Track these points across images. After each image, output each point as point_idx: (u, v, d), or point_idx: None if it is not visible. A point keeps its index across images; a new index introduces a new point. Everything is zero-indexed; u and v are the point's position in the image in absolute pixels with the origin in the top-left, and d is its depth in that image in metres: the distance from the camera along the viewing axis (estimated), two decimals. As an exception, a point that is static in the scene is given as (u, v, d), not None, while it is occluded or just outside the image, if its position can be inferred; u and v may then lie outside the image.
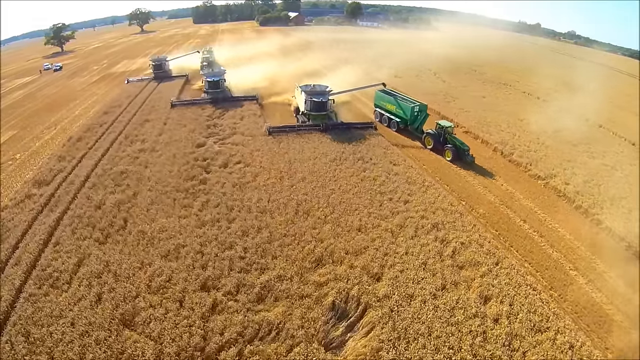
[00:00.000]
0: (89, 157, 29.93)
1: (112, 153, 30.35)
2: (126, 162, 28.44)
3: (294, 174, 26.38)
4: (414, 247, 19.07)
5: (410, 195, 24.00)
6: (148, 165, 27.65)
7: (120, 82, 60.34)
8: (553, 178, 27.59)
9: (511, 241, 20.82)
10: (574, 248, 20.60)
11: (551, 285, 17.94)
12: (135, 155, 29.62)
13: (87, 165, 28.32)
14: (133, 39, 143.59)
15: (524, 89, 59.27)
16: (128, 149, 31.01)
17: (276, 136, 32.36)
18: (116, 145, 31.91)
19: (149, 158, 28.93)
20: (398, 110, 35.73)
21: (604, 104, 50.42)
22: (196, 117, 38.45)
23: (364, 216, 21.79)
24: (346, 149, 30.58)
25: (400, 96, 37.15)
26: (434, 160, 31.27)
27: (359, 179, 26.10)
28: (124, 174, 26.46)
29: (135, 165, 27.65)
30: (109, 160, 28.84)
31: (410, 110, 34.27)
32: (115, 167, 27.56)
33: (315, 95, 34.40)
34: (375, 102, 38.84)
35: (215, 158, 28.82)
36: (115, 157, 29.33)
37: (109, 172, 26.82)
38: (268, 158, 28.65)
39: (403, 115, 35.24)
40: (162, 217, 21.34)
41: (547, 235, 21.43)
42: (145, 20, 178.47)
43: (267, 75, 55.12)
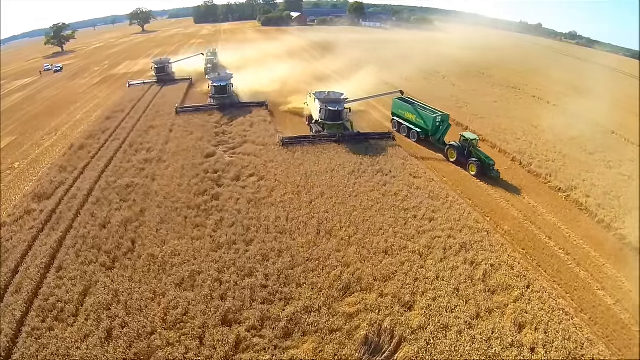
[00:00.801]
0: (92, 168, 28.25)
1: (116, 163, 28.66)
2: (132, 174, 26.76)
3: (311, 189, 24.80)
4: (444, 271, 17.97)
5: (434, 212, 22.69)
6: (155, 178, 25.99)
7: (122, 85, 58.63)
8: (574, 190, 26.97)
9: (539, 260, 20.07)
10: (599, 266, 20.11)
11: (581, 307, 17.40)
12: (140, 166, 27.95)
13: (89, 177, 26.65)
14: (134, 39, 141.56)
15: (532, 92, 58.80)
16: (133, 158, 29.33)
17: (290, 147, 30.90)
18: (120, 155, 30.23)
19: (155, 169, 27.25)
20: (418, 120, 34.04)
21: (613, 109, 50.22)
22: (203, 123, 36.78)
23: (390, 236, 20.46)
24: (364, 161, 29.03)
25: (420, 105, 35.45)
26: (453, 171, 29.97)
27: (380, 194, 24.65)
28: (129, 187, 24.79)
29: (141, 178, 25.98)
30: (113, 172, 27.17)
31: (432, 121, 32.60)
32: (120, 179, 25.90)
33: (330, 103, 32.61)
34: (393, 111, 37.00)
35: (226, 170, 27.17)
36: (120, 168, 27.66)
37: (113, 185, 25.16)
38: (283, 170, 27.02)
39: (424, 126, 33.57)
40: (174, 238, 19.71)
41: (573, 253, 20.82)
42: (146, 20, 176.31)
43: (275, 79, 53.28)
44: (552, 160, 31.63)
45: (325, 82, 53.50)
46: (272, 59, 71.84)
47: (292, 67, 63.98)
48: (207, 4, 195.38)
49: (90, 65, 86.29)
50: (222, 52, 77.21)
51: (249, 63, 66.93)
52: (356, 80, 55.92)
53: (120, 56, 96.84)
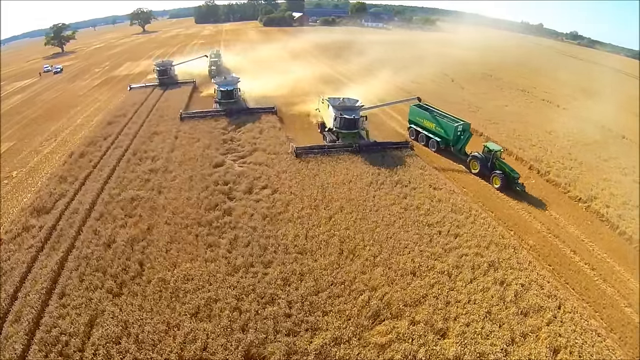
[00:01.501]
0: (94, 179, 26.70)
1: (119, 174, 27.11)
2: (136, 185, 25.22)
3: (330, 203, 23.34)
4: (475, 293, 17.06)
5: (459, 228, 21.58)
6: (162, 191, 24.46)
7: (123, 87, 56.98)
8: (594, 200, 26.35)
9: (566, 277, 19.50)
10: (625, 281, 19.59)
11: (611, 326, 16.89)
12: (145, 177, 26.40)
13: (91, 189, 25.12)
14: (135, 40, 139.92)
15: (541, 95, 58.44)
16: (137, 168, 27.80)
17: (303, 156, 29.21)
18: (123, 164, 28.69)
19: (162, 181, 25.71)
20: (438, 129, 32.40)
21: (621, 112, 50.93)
22: (210, 130, 35.25)
23: (416, 255, 19.26)
24: (381, 171, 27.60)
25: (438, 112, 33.76)
26: (472, 181, 28.84)
27: (401, 208, 23.34)
28: (134, 201, 23.26)
29: (147, 191, 24.44)
30: (117, 183, 25.62)
31: (453, 130, 30.94)
32: (124, 192, 24.36)
33: (346, 111, 30.79)
34: (410, 118, 35.34)
35: (237, 181, 25.66)
36: (124, 179, 26.10)
37: (117, 198, 23.63)
38: (297, 182, 25.53)
39: (444, 135, 31.99)
40: (185, 259, 18.20)
41: (598, 268, 20.28)
42: (147, 20, 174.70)
43: (282, 83, 51.68)
44: (569, 168, 31.08)
45: (331, 84, 52.28)
46: (277, 61, 70.30)
47: (300, 70, 62.48)
48: (208, 4, 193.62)
49: (90, 67, 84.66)
50: (225, 53, 75.47)
51: (253, 65, 65.46)
52: (364, 82, 54.81)
53: (121, 57, 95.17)
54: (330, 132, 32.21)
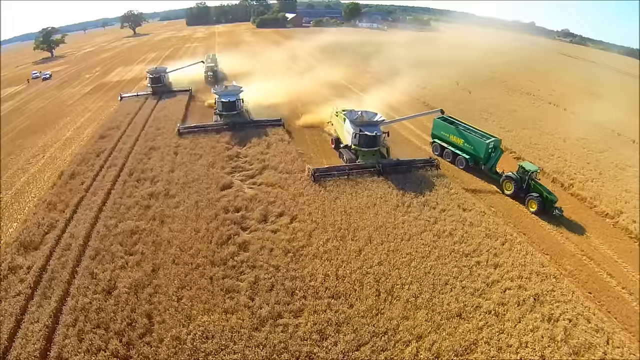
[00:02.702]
0: (86, 206, 23.82)
1: (115, 199, 24.28)
2: (135, 214, 22.42)
3: (356, 232, 20.88)
4: (525, 335, 15.60)
5: (497, 256, 19.84)
6: (165, 220, 21.70)
7: (115, 95, 53.80)
8: (620, 215, 25.19)
9: (608, 305, 18.32)
10: None
11: None
12: (145, 202, 23.62)
13: (84, 219, 22.26)
14: (126, 43, 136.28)
15: (547, 98, 57.70)
16: (135, 192, 25.00)
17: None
18: (119, 187, 25.84)
19: (164, 208, 22.94)
20: (467, 146, 29.73)
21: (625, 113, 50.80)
22: (213, 144, 32.50)
23: (459, 293, 17.28)
24: (406, 192, 25.23)
25: (463, 125, 31.23)
26: (500, 200, 26.80)
27: (434, 236, 21.16)
28: (134, 234, 20.50)
29: (147, 220, 21.67)
30: (113, 211, 22.79)
31: (484, 147, 28.29)
32: (121, 222, 21.56)
33: (366, 127, 27.84)
34: (434, 132, 32.55)
35: (250, 207, 22.98)
36: (120, 206, 23.27)
37: (114, 231, 20.83)
38: (317, 207, 22.96)
39: (474, 152, 29.36)
40: (201, 311, 15.56)
41: (635, 292, 19.16)
42: (138, 22, 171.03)
43: (284, 90, 48.81)
44: (591, 179, 29.95)
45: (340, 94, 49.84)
46: (276, 66, 67.58)
47: (298, 74, 59.90)
48: (199, 5, 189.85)
49: (80, 72, 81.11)
50: (220, 57, 72.37)
51: (252, 70, 62.72)
52: (370, 89, 52.59)
53: (113, 62, 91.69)
54: (348, 149, 29.37)
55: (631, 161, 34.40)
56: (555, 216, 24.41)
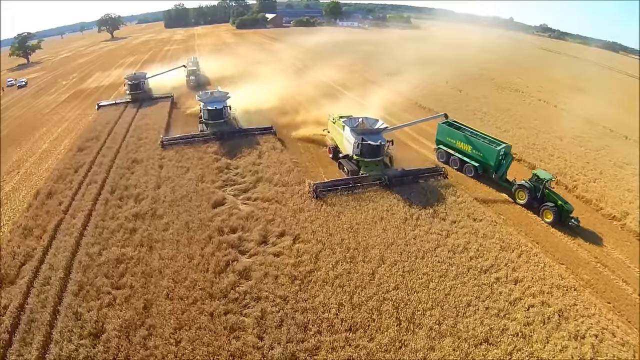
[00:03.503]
0: (66, 230, 21.46)
1: (96, 221, 21.99)
2: (120, 239, 20.19)
3: (366, 251, 19.22)
4: (555, 356, 14.79)
5: (515, 271, 18.83)
6: (154, 246, 19.55)
7: (93, 102, 50.62)
8: (627, 217, 24.88)
9: (628, 315, 17.75)
10: None
11: None
12: (130, 224, 21.39)
13: (64, 246, 19.96)
14: (104, 47, 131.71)
15: (537, 95, 57.97)
16: (119, 213, 22.74)
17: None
18: (100, 207, 23.49)
19: (152, 231, 20.77)
20: (476, 153, 28.06)
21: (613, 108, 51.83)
22: (200, 155, 30.37)
23: (483, 315, 16.10)
24: (413, 203, 23.70)
25: (470, 130, 29.48)
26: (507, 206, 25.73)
27: (448, 251, 19.83)
28: (121, 263, 18.33)
29: (135, 247, 19.49)
30: (95, 236, 20.53)
31: (495, 155, 26.66)
32: (106, 250, 19.35)
33: (369, 135, 25.81)
34: (439, 138, 30.76)
35: (247, 227, 20.99)
36: (103, 230, 21.02)
37: (97, 260, 18.62)
38: (320, 224, 21.16)
39: (483, 159, 27.70)
40: (204, 355, 13.61)
41: None
42: (116, 26, 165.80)
43: (271, 94, 46.79)
44: (593, 180, 29.62)
45: (332, 97, 48.15)
46: (260, 68, 65.37)
47: (286, 78, 57.88)
48: (178, 7, 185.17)
49: (57, 79, 77.38)
50: (202, 61, 69.77)
51: (234, 73, 60.54)
52: (359, 90, 51.04)
53: (90, 67, 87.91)
54: (349, 160, 27.32)
55: (628, 159, 34.51)
56: (572, 227, 23.31)
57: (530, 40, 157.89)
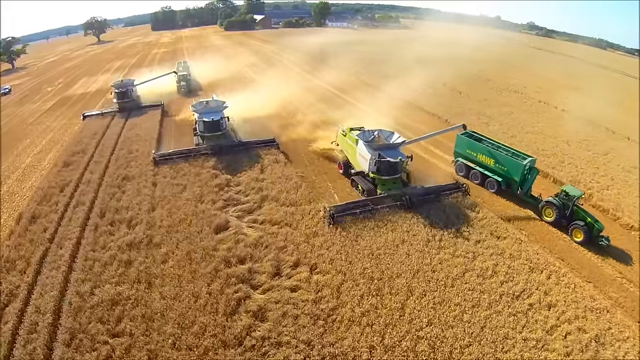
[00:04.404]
0: (52, 264, 19.11)
1: (86, 252, 19.65)
2: (114, 274, 17.90)
3: (392, 281, 17.43)
4: None
5: (547, 294, 17.61)
6: (153, 282, 17.36)
7: (80, 110, 47.82)
8: None
9: None
10: None
11: None
12: (125, 256, 19.09)
13: (51, 283, 17.69)
14: (90, 51, 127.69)
15: (536, 96, 57.25)
16: (110, 242, 20.41)
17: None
18: (90, 235, 21.12)
19: (149, 264, 18.52)
20: (499, 167, 26.08)
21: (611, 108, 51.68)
22: (196, 171, 28.12)
23: (522, 348, 15.00)
24: (433, 222, 21.95)
25: (492, 143, 27.62)
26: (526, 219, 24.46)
27: (477, 276, 18.30)
28: (117, 305, 16.13)
29: (131, 284, 17.24)
30: (86, 272, 18.22)
31: (521, 169, 24.76)
32: (98, 288, 17.10)
33: (386, 151, 23.44)
34: (457, 150, 28.83)
35: (256, 256, 18.91)
36: (94, 264, 18.72)
37: (90, 301, 16.36)
38: (338, 250, 19.21)
39: (507, 174, 25.75)
40: None
41: None
42: (102, 29, 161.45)
43: (268, 100, 44.68)
44: (606, 187, 28.73)
45: (329, 103, 46.25)
46: (253, 71, 63.21)
47: (282, 82, 55.80)
48: (164, 10, 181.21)
49: (42, 85, 73.73)
50: (192, 64, 67.26)
51: (226, 78, 58.29)
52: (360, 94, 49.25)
53: (76, 72, 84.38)
54: (364, 177, 25.01)
55: (634, 162, 33.87)
56: (602, 246, 21.87)
57: (519, 39, 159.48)
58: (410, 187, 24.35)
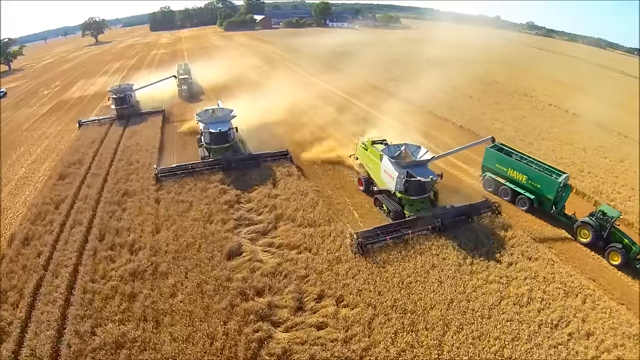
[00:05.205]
0: (47, 296, 17.08)
1: (84, 282, 17.59)
2: (117, 310, 15.95)
3: (426, 314, 15.73)
4: None
5: (585, 322, 16.24)
6: (161, 321, 15.40)
7: (76, 116, 46.35)
8: None
9: None
10: None
11: None
12: (128, 288, 17.07)
13: (47, 321, 15.71)
14: (88, 52, 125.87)
15: (546, 99, 56.35)
16: (111, 270, 18.42)
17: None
18: (88, 260, 19.09)
19: (156, 297, 16.55)
20: (532, 183, 24.25)
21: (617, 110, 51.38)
22: (203, 185, 26.17)
23: None
24: (461, 243, 20.18)
25: (522, 156, 25.78)
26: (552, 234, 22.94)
27: (514, 304, 16.83)
28: (121, 348, 14.19)
29: (137, 322, 15.30)
30: (85, 307, 16.21)
31: (555, 187, 23.06)
32: (100, 327, 15.16)
33: (416, 168, 21.23)
34: (485, 164, 26.94)
35: (275, 288, 16.99)
36: (94, 297, 16.70)
37: (91, 343, 14.44)
38: (365, 279, 17.39)
39: (540, 192, 23.93)
40: None
41: None
42: (100, 30, 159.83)
43: (275, 105, 42.73)
44: (629, 198, 27.43)
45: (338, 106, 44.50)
46: (256, 73, 61.33)
47: (287, 84, 53.98)
48: (163, 10, 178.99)
49: (39, 88, 71.64)
50: (192, 67, 65.36)
51: (229, 80, 56.41)
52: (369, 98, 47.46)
53: (74, 74, 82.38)
54: (389, 197, 22.86)
55: None
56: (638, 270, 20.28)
57: (519, 39, 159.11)
58: (439, 207, 22.24)
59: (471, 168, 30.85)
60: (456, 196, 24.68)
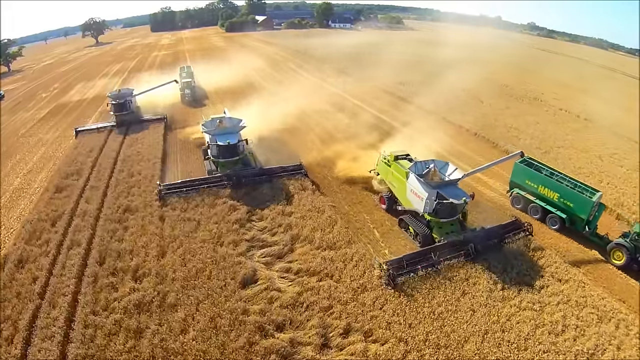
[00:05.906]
0: (45, 330, 15.49)
1: (85, 315, 15.96)
2: (122, 349, 14.29)
3: (461, 349, 14.52)
4: None
5: (620, 349, 15.41)
6: (173, 363, 13.84)
7: (74, 121, 44.78)
8: None
9: None
10: None
11: None
12: (133, 323, 15.47)
13: (43, 357, 14.20)
14: (88, 53, 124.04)
15: (556, 103, 55.30)
16: (114, 301, 16.78)
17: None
18: (88, 289, 17.45)
19: (165, 335, 14.85)
20: (564, 202, 22.84)
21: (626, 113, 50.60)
22: (210, 201, 24.52)
23: None
24: (492, 267, 18.84)
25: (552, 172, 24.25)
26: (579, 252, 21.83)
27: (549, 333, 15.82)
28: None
29: (144, 368, 13.74)
30: (86, 344, 14.61)
31: (589, 207, 21.70)
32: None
33: (445, 189, 19.68)
34: (513, 179, 25.45)
35: (296, 321, 15.43)
36: (96, 332, 15.09)
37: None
38: (394, 310, 15.90)
39: (572, 211, 22.52)
40: None
41: None
42: (100, 30, 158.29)
43: (284, 112, 41.01)
44: None
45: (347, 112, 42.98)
46: (261, 77, 59.72)
47: (296, 90, 52.38)
48: (164, 10, 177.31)
49: (37, 90, 69.78)
50: (194, 69, 63.69)
51: (233, 84, 54.80)
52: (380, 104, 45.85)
53: (73, 75, 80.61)
54: (416, 218, 21.08)
55: None
56: None
57: (521, 39, 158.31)
58: (469, 229, 20.54)
59: (490, 180, 29.48)
60: (481, 214, 23.26)
